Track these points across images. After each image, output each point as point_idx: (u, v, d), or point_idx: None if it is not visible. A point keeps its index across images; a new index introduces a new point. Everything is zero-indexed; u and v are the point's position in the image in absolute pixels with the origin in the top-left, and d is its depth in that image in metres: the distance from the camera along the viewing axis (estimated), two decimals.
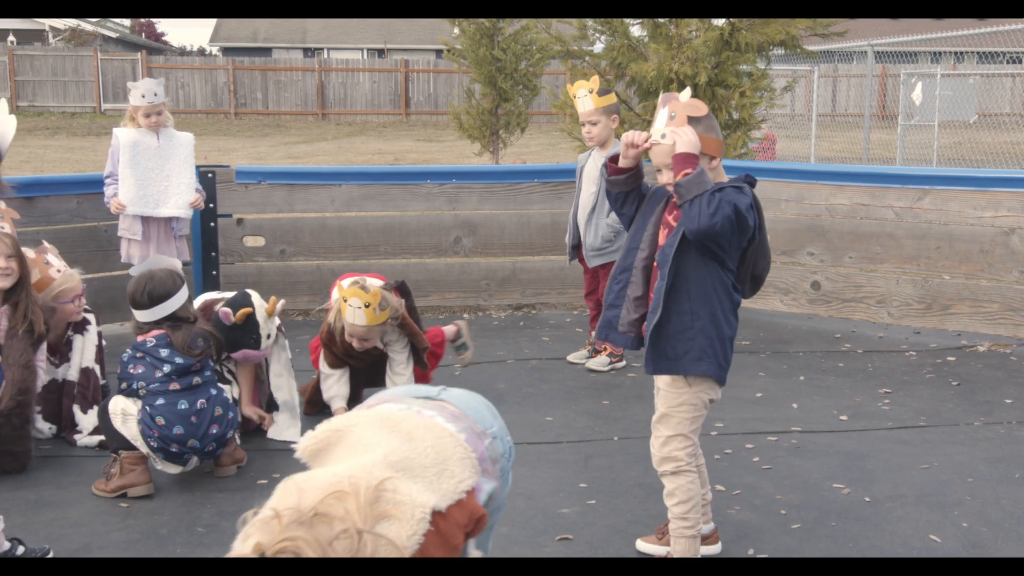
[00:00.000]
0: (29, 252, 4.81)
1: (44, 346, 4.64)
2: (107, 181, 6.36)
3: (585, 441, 4.84)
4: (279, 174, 7.50)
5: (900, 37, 16.38)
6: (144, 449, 4.09)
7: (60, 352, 4.88)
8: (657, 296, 3.32)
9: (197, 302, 4.91)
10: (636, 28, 9.48)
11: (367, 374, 5.25)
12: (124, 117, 6.47)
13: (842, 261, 7.17)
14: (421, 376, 5.16)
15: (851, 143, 18.75)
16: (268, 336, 4.74)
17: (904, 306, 6.93)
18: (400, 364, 5.07)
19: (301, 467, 4.32)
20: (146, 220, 6.32)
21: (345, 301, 4.73)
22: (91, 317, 5.02)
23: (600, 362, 6.05)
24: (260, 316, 4.69)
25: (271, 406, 4.98)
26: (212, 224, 7.18)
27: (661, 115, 3.36)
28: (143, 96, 6.26)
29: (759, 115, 9.38)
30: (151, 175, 6.30)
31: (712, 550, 3.64)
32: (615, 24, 9.26)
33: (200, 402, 4.16)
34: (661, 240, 3.44)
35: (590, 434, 4.93)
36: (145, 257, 6.38)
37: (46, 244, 5.15)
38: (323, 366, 5.09)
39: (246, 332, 4.69)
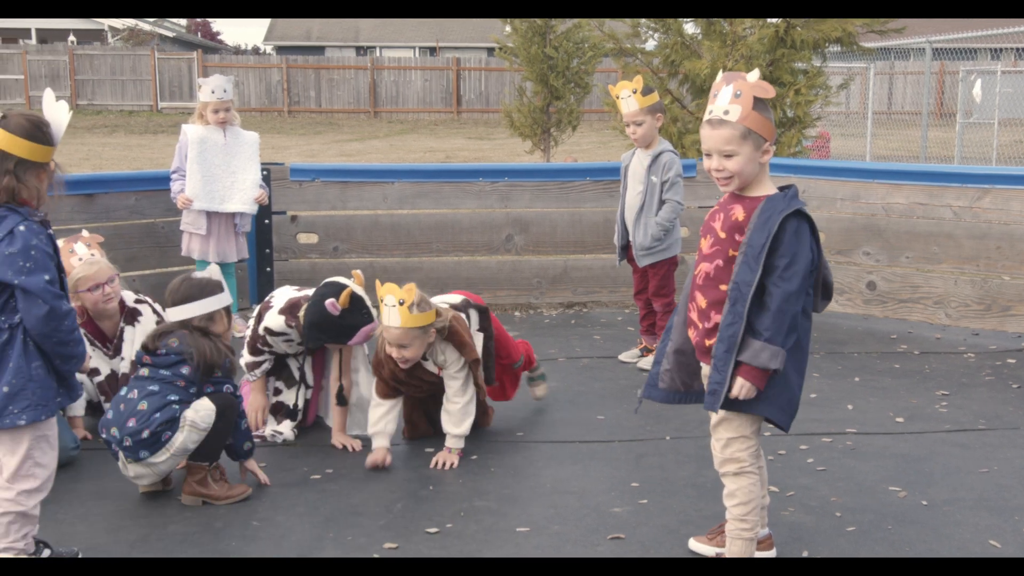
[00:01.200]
0: (60, 241, 4.75)
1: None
2: (173, 176, 6.48)
3: (637, 440, 4.82)
4: (332, 172, 7.56)
5: (959, 34, 16.12)
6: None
7: (115, 344, 4.86)
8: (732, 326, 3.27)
9: (281, 300, 4.73)
10: (690, 26, 9.43)
11: (425, 405, 4.83)
12: (193, 114, 6.61)
13: (899, 261, 7.07)
14: (496, 392, 4.98)
15: (907, 141, 18.48)
16: (375, 306, 4.50)
17: (963, 307, 6.81)
18: (455, 390, 4.52)
19: (353, 463, 4.35)
20: (210, 215, 6.44)
21: (381, 301, 4.28)
22: (144, 308, 4.92)
23: (649, 361, 6.02)
24: (359, 291, 4.53)
25: (340, 400, 4.84)
26: (267, 221, 7.25)
27: (725, 92, 3.23)
28: (212, 92, 6.39)
29: (814, 113, 9.28)
30: (217, 171, 6.42)
31: (766, 555, 3.61)
32: (668, 22, 9.21)
33: (132, 392, 3.98)
34: (704, 247, 3.36)
35: (642, 433, 4.91)
36: (205, 252, 6.49)
37: (84, 233, 5.05)
38: (374, 395, 4.62)
39: (357, 311, 4.50)
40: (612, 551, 3.67)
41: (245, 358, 4.78)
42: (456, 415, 4.52)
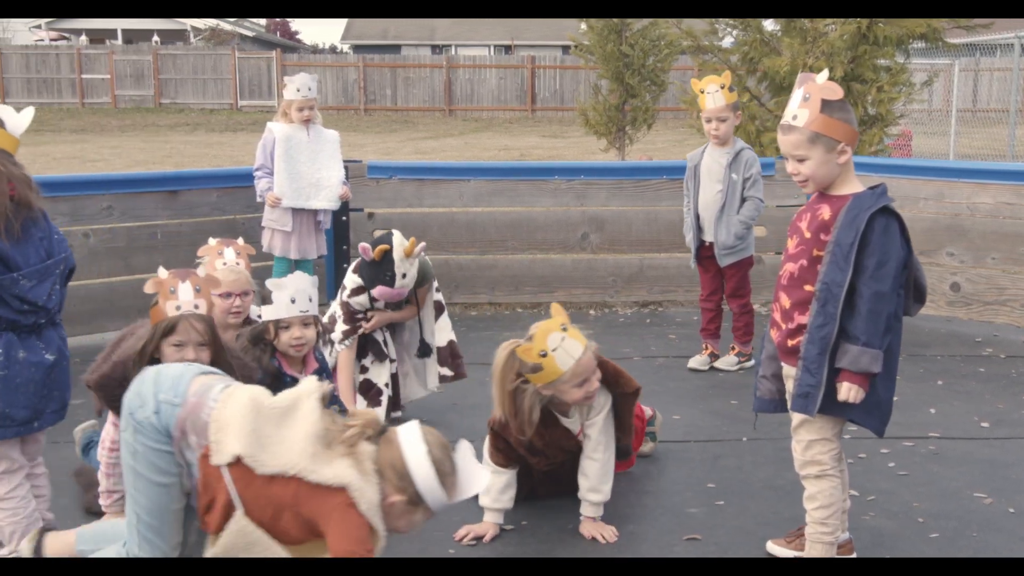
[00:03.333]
0: (212, 240, 4.64)
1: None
2: (258, 174, 6.59)
3: (713, 441, 4.78)
4: (409, 169, 7.62)
5: None
6: None
7: None
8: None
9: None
10: (769, 22, 9.32)
11: (555, 476, 4.02)
12: (276, 112, 6.72)
13: (984, 262, 6.90)
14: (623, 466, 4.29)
15: (993, 140, 18.02)
16: (404, 275, 4.69)
17: None
18: (593, 444, 3.81)
19: None
20: (295, 212, 6.54)
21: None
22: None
23: (728, 362, 5.96)
24: (397, 255, 4.66)
25: (424, 351, 5.00)
26: (344, 218, 7.33)
27: (795, 95, 3.23)
28: (298, 90, 6.49)
29: (896, 111, 9.09)
30: (302, 169, 6.53)
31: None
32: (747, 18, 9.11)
33: None
34: (790, 247, 3.34)
35: (718, 434, 4.86)
36: (287, 249, 6.59)
37: (239, 240, 4.74)
38: (488, 460, 3.88)
39: (382, 269, 4.70)
40: (688, 552, 3.65)
41: (340, 327, 4.89)
42: (595, 476, 3.80)
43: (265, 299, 4.14)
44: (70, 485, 4.19)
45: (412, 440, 2.85)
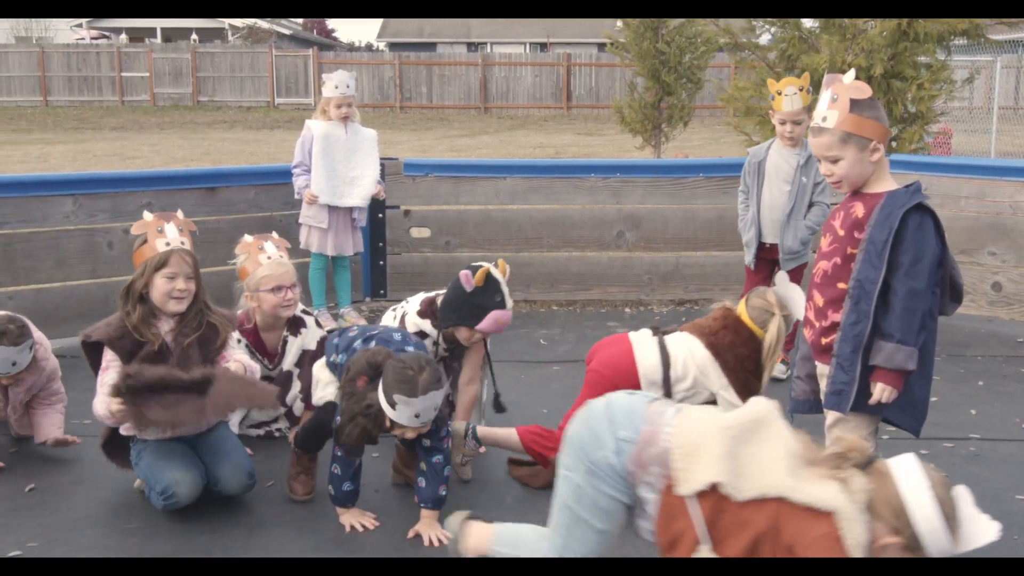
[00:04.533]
0: (248, 237, 4.68)
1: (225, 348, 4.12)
2: (296, 171, 6.63)
3: None
4: (446, 167, 7.63)
5: None
6: None
7: (278, 357, 4.67)
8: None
9: (416, 302, 4.51)
10: (807, 19, 9.24)
11: None
12: (315, 110, 6.76)
13: None
14: None
15: None
16: (510, 296, 4.34)
17: None
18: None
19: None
20: (331, 210, 6.57)
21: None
22: (309, 320, 4.73)
23: (779, 369, 5.74)
24: (498, 275, 4.31)
25: (500, 407, 4.57)
26: (380, 215, 7.36)
27: (824, 97, 3.23)
28: (336, 87, 6.53)
29: (937, 108, 8.99)
30: (340, 167, 6.57)
31: None
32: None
33: None
34: (824, 246, 3.33)
35: None
36: (324, 245, 6.62)
37: (274, 234, 4.79)
38: None
39: (489, 293, 4.26)
40: None
41: None
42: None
43: None
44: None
45: (912, 474, 2.49)
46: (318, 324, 4.81)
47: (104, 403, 3.71)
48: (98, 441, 4.14)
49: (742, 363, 3.82)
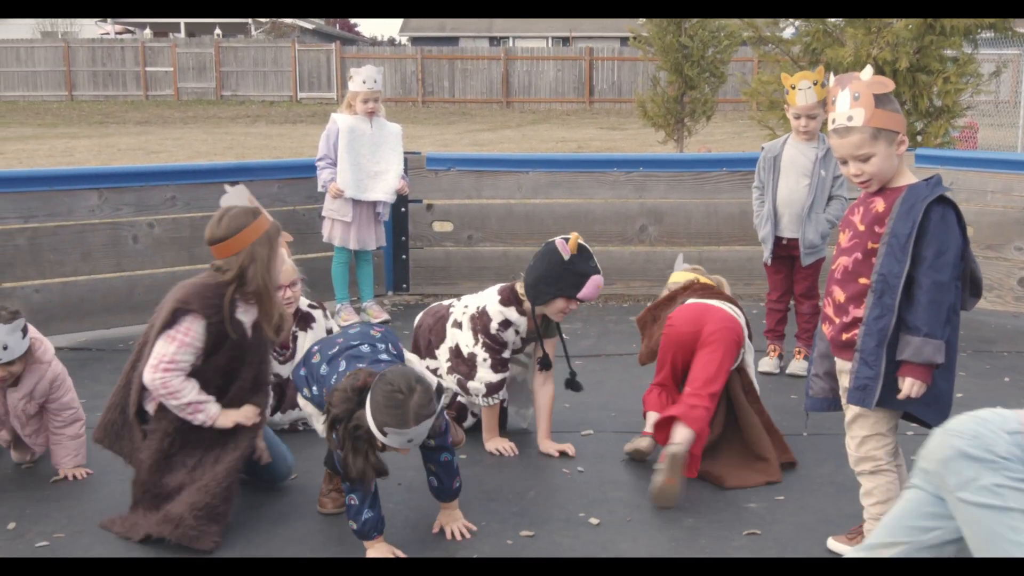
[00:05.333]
0: None
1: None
2: (320, 164, 6.65)
3: None
4: (468, 161, 7.63)
5: None
6: None
7: (290, 351, 4.74)
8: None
9: (484, 298, 4.46)
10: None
11: None
12: (341, 104, 6.79)
13: None
14: None
15: None
16: None
17: None
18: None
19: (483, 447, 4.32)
20: (355, 203, 6.59)
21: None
22: (317, 314, 4.82)
23: (801, 366, 5.68)
24: (582, 241, 4.24)
25: (546, 363, 4.50)
26: (403, 209, 7.37)
27: (842, 97, 3.19)
28: (363, 82, 6.55)
29: (963, 102, 8.91)
30: (364, 161, 6.59)
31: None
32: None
33: None
34: (843, 241, 3.31)
35: (778, 429, 4.80)
36: (347, 239, 6.63)
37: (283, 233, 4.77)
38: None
39: (584, 258, 4.19)
40: (747, 546, 3.62)
41: (485, 378, 4.37)
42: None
43: None
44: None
45: None
46: (326, 315, 4.88)
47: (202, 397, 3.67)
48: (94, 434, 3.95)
49: None
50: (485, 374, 4.37)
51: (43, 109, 30.71)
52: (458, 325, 4.52)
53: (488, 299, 4.44)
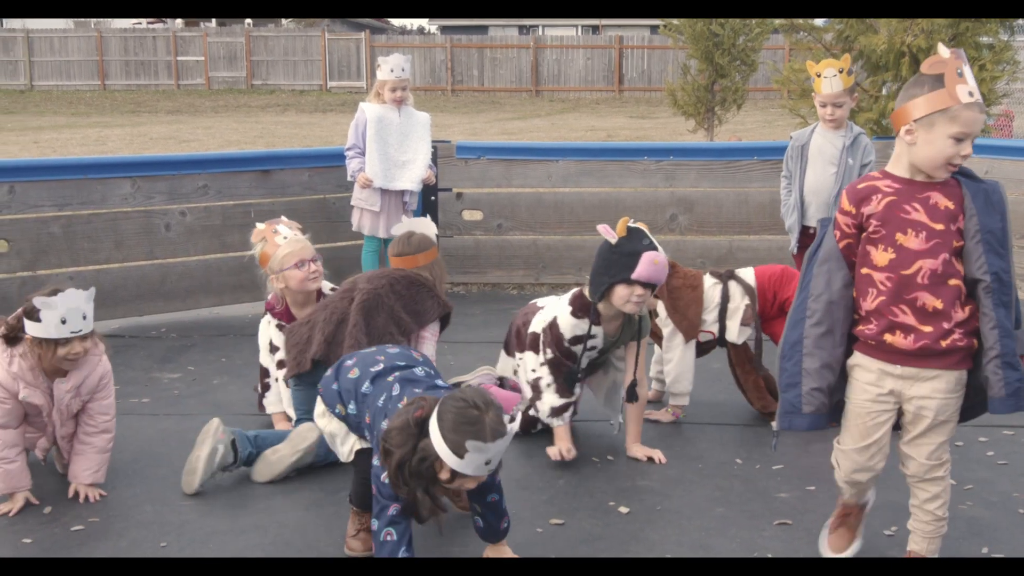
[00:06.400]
0: (260, 225, 4.83)
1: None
2: (349, 153, 6.68)
3: None
4: (498, 149, 7.63)
5: None
6: None
7: None
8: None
9: (562, 304, 4.29)
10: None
11: None
12: (369, 93, 6.80)
13: None
14: None
15: None
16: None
17: None
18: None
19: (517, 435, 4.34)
20: (383, 192, 6.61)
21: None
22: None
23: None
24: (634, 223, 4.06)
25: (632, 395, 4.35)
26: (432, 198, 7.38)
27: (968, 72, 2.95)
28: (391, 70, 6.56)
29: (1000, 90, 8.80)
30: (392, 150, 6.61)
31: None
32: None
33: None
34: (913, 244, 2.99)
35: None
36: (375, 228, 6.66)
37: (283, 217, 4.99)
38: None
39: (635, 239, 3.99)
40: (777, 536, 3.61)
41: (550, 402, 4.27)
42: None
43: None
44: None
45: None
46: None
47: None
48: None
49: None
50: (550, 399, 4.26)
51: (76, 98, 30.97)
52: (534, 341, 4.31)
53: (560, 309, 4.26)
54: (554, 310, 4.30)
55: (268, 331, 4.71)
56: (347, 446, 3.51)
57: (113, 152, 16.41)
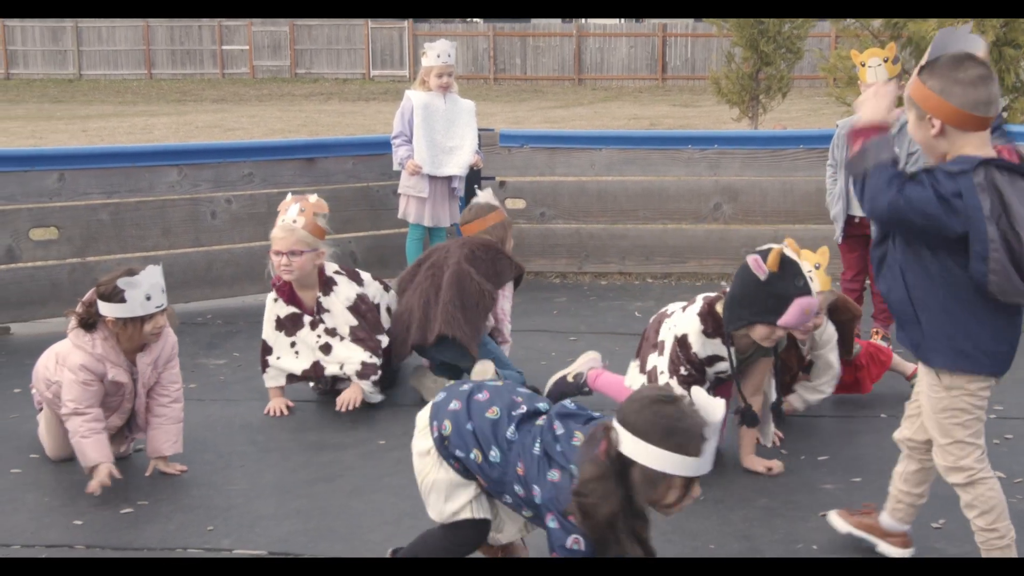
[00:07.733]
0: (289, 195, 4.83)
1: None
2: (396, 141, 6.70)
3: (849, 417, 4.66)
4: (541, 137, 7.62)
5: None
6: None
7: (315, 316, 4.78)
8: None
9: (688, 317, 3.99)
10: None
11: None
12: (414, 81, 6.84)
13: None
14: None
15: None
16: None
17: None
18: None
19: None
20: (431, 179, 6.64)
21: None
22: (340, 279, 4.80)
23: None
24: (792, 255, 3.68)
25: (750, 419, 4.02)
26: (476, 187, 7.37)
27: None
28: (438, 56, 6.59)
29: None
30: (439, 137, 6.64)
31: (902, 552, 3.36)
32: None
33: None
34: None
35: (854, 410, 4.74)
36: (421, 216, 6.68)
37: (311, 198, 4.78)
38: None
39: (788, 277, 3.60)
40: (822, 527, 3.58)
41: None
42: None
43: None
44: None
45: None
46: (355, 281, 4.86)
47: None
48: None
49: None
50: None
51: (123, 87, 31.31)
52: (661, 348, 4.05)
53: (690, 325, 3.91)
54: (683, 325, 3.95)
55: (273, 307, 4.81)
56: (454, 504, 2.90)
57: (159, 140, 16.57)
